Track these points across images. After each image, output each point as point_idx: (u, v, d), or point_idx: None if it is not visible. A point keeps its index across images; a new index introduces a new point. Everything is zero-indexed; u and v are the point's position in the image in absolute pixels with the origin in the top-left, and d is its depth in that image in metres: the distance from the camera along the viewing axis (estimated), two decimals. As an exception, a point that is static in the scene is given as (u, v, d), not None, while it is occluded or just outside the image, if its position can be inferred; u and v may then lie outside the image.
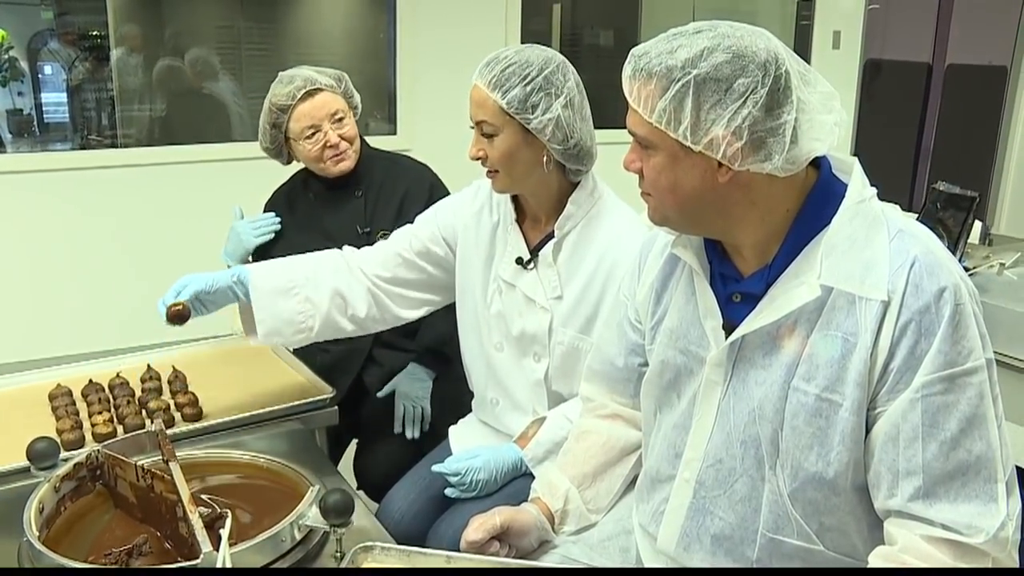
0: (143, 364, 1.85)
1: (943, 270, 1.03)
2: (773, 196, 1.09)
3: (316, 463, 1.49)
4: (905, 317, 1.02)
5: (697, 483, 1.19)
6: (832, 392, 1.06)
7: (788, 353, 1.09)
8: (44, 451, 1.33)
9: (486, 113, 1.50)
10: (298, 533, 1.22)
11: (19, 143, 4.22)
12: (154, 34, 4.12)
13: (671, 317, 1.24)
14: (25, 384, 1.82)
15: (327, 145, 2.01)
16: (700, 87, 1.02)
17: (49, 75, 4.37)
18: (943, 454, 1.01)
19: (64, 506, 1.31)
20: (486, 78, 1.49)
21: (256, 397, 1.72)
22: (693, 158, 1.05)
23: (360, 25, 4.55)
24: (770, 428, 1.11)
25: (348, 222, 2.08)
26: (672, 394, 1.24)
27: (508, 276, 1.63)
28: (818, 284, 1.05)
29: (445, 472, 1.59)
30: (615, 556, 1.34)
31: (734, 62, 1.02)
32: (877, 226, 1.07)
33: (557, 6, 4.87)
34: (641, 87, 1.06)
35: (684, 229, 1.16)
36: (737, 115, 1.01)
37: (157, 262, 3.53)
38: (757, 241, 1.12)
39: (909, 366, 1.02)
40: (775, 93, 1.02)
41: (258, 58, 4.32)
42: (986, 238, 3.11)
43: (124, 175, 3.69)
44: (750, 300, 1.13)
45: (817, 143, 1.06)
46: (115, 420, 1.61)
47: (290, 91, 1.98)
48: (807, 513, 1.11)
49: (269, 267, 1.68)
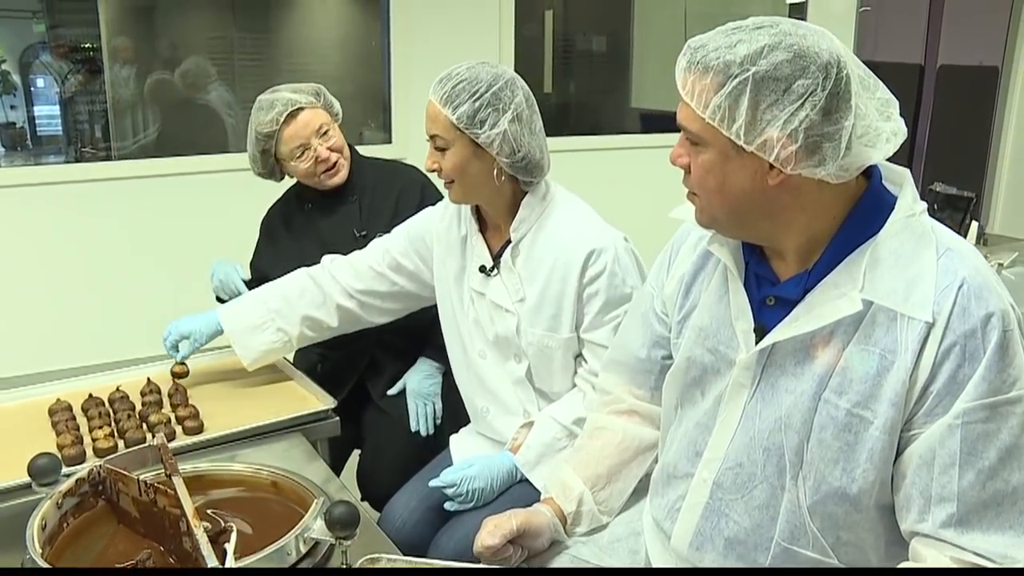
0: (143, 377, 1.84)
1: (992, 294, 1.00)
2: (822, 202, 1.06)
3: (319, 474, 1.49)
4: (950, 340, 0.99)
5: (715, 484, 1.17)
6: (864, 408, 1.04)
7: (821, 364, 1.07)
8: (45, 467, 1.31)
9: (438, 128, 1.57)
10: (303, 546, 1.21)
11: (12, 156, 4.21)
12: (147, 46, 4.11)
13: (701, 315, 1.22)
14: (24, 399, 1.81)
15: (318, 160, 2.02)
16: (758, 85, 0.98)
17: (42, 88, 4.36)
18: (980, 483, 0.99)
19: (67, 522, 1.29)
20: (438, 94, 1.55)
21: (257, 409, 1.72)
22: (744, 158, 1.02)
23: (353, 33, 4.55)
24: (796, 438, 1.09)
25: (344, 227, 2.08)
26: (696, 391, 1.22)
27: (476, 285, 1.69)
28: (859, 297, 1.03)
29: (441, 486, 1.61)
30: (624, 557, 1.34)
31: (795, 62, 0.99)
32: (925, 242, 1.04)
33: (549, 13, 4.88)
34: (696, 80, 1.02)
35: (730, 232, 1.14)
36: (794, 117, 0.98)
37: (153, 275, 3.52)
38: (800, 246, 1.09)
39: (950, 391, 0.99)
40: (834, 97, 0.99)
41: (251, 68, 4.31)
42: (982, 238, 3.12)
43: (118, 187, 3.67)
44: (785, 305, 1.10)
45: (872, 151, 1.03)
46: (116, 434, 1.60)
47: (272, 117, 1.98)
48: (825, 526, 1.09)
49: (239, 307, 1.88)
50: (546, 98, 5.08)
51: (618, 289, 1.58)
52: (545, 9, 4.86)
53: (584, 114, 5.22)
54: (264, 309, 1.84)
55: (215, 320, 1.84)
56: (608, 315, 1.58)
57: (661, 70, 4.81)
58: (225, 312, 1.86)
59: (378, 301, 1.86)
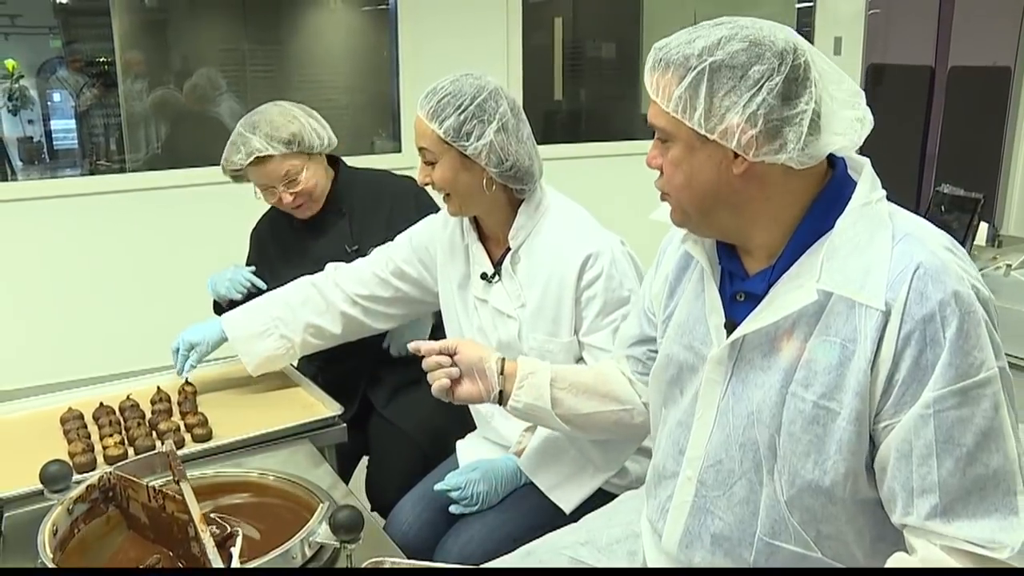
0: (153, 386, 1.87)
1: (950, 276, 0.98)
2: (788, 193, 1.07)
3: (326, 480, 1.50)
4: (908, 327, 0.98)
5: (699, 482, 1.18)
6: (830, 400, 1.04)
7: (786, 357, 1.08)
8: (57, 474, 1.34)
9: (426, 142, 1.59)
10: (308, 550, 1.23)
11: (29, 170, 4.27)
12: (159, 59, 4.16)
13: (680, 311, 1.24)
14: (37, 408, 1.84)
15: (282, 202, 2.03)
16: (715, 74, 1.01)
17: (58, 102, 4.43)
18: (959, 470, 0.98)
19: (77, 528, 1.31)
20: (425, 109, 1.58)
21: (265, 416, 1.73)
22: (708, 148, 1.04)
23: (363, 44, 4.59)
24: (767, 433, 1.09)
25: (335, 244, 2.08)
26: (675, 390, 1.24)
27: (479, 292, 1.71)
28: (815, 288, 1.03)
29: (446, 489, 1.63)
30: (622, 559, 1.34)
31: (750, 50, 1.02)
32: (881, 229, 1.04)
33: (559, 19, 4.89)
34: (659, 77, 1.06)
35: (702, 230, 1.15)
36: (752, 102, 1.01)
37: (167, 286, 3.55)
38: (767, 241, 1.10)
39: (915, 378, 0.98)
40: (792, 82, 1.01)
41: (263, 80, 4.36)
42: (995, 240, 3.10)
43: (133, 199, 3.72)
44: (753, 300, 1.12)
45: (837, 137, 1.04)
46: (126, 442, 1.62)
47: (238, 159, 1.99)
48: (804, 520, 1.09)
49: (243, 314, 1.89)
50: (556, 105, 5.09)
51: (615, 292, 1.59)
52: (554, 16, 4.88)
53: (594, 121, 5.23)
54: (267, 316, 1.86)
55: (219, 328, 1.87)
56: (607, 318, 1.59)
57: (670, 76, 4.81)
58: (228, 320, 1.88)
59: (382, 307, 1.87)
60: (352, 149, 3.75)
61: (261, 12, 4.34)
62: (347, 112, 4.41)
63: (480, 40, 4.07)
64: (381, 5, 4.31)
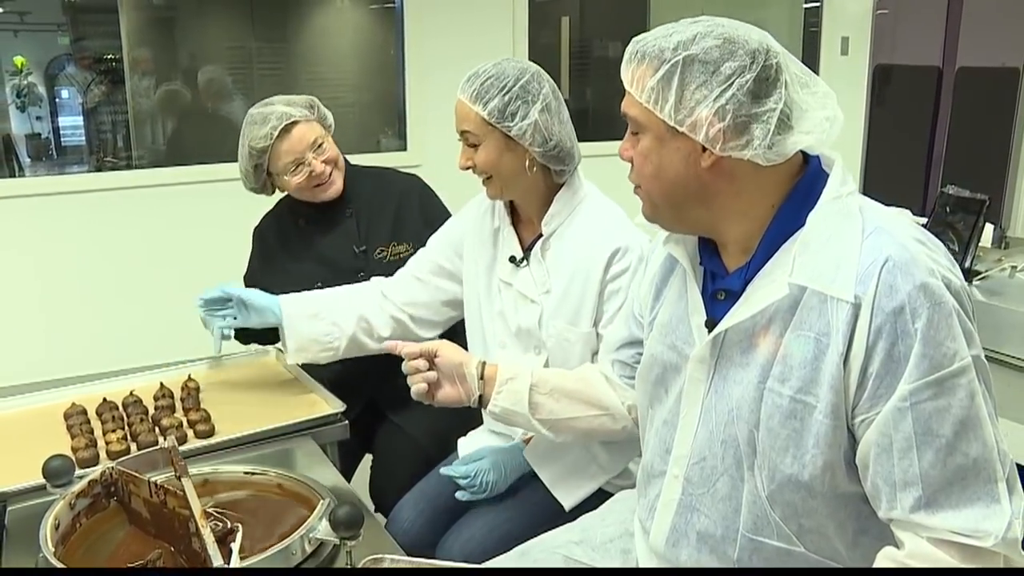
0: (156, 382, 1.87)
1: (919, 268, 0.99)
2: (758, 189, 1.09)
3: (327, 477, 1.51)
4: (879, 320, 0.99)
5: (685, 479, 1.19)
6: (806, 394, 1.05)
7: (763, 353, 1.09)
8: (59, 469, 1.35)
9: (469, 124, 1.59)
10: (308, 546, 1.23)
11: (37, 166, 4.29)
12: (167, 56, 4.18)
13: (664, 312, 1.26)
14: (41, 404, 1.85)
15: (312, 175, 2.01)
16: (688, 67, 1.04)
17: (66, 99, 4.44)
18: (940, 461, 0.99)
19: (79, 522, 1.32)
20: (467, 92, 1.58)
21: (267, 413, 1.74)
22: (677, 140, 1.07)
23: (369, 43, 4.59)
24: (747, 428, 1.10)
25: (343, 243, 2.08)
26: (660, 390, 1.25)
27: (505, 275, 1.71)
28: (787, 282, 1.05)
29: (453, 475, 1.63)
30: (616, 558, 1.35)
31: (724, 46, 1.04)
32: (851, 223, 1.04)
33: (566, 19, 4.89)
34: (635, 69, 1.09)
35: (672, 224, 1.17)
36: (722, 96, 1.03)
37: (173, 282, 3.56)
38: (741, 237, 1.12)
39: (889, 370, 0.99)
40: (762, 81, 1.04)
41: (270, 78, 4.37)
42: (1001, 241, 3.08)
43: (139, 196, 3.73)
44: (732, 297, 1.13)
45: (805, 136, 1.06)
46: (129, 437, 1.63)
47: (267, 132, 1.97)
48: (786, 515, 1.10)
49: (300, 296, 1.84)
50: (562, 104, 5.08)
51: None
52: (561, 16, 4.88)
53: (601, 120, 5.22)
54: (321, 303, 1.83)
55: (275, 301, 1.81)
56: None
57: (677, 75, 4.81)
58: (285, 298, 1.83)
59: (425, 312, 1.86)
60: (358, 147, 3.75)
61: (268, 10, 4.35)
62: (353, 110, 4.41)
63: (486, 39, 4.07)
64: (388, 4, 4.32)
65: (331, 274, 2.02)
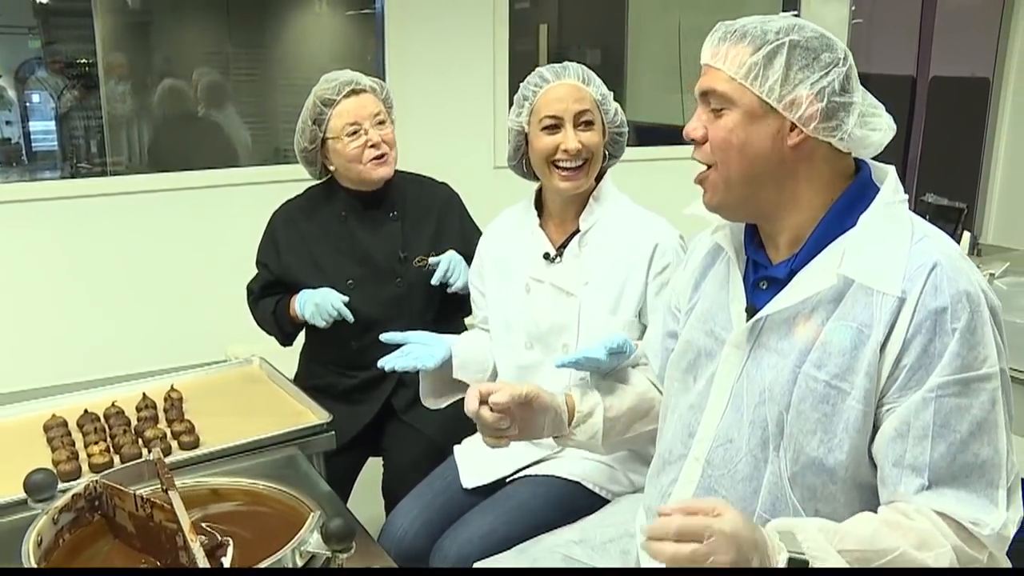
0: (138, 393, 1.84)
1: (964, 277, 1.06)
2: (824, 180, 1.14)
3: (316, 488, 1.49)
4: (921, 315, 1.04)
5: (706, 462, 1.21)
6: (842, 380, 1.08)
7: (802, 339, 1.12)
8: (41, 483, 1.31)
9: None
10: (300, 559, 1.21)
11: (8, 172, 4.21)
12: (142, 61, 4.13)
13: (703, 301, 1.29)
14: (19, 415, 1.82)
15: (368, 145, 1.99)
16: (792, 50, 1.11)
17: (37, 103, 4.37)
18: (950, 455, 1.04)
19: (63, 538, 1.29)
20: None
21: (253, 423, 1.72)
22: (768, 119, 1.11)
23: (348, 48, 4.57)
24: (777, 410, 1.13)
25: (386, 246, 2.06)
26: (689, 377, 1.27)
27: (537, 273, 1.75)
28: (836, 272, 1.09)
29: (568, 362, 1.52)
30: (615, 558, 1.37)
31: (822, 39, 1.13)
32: (901, 227, 1.11)
33: (544, 26, 4.90)
34: (731, 47, 1.13)
35: (738, 206, 1.19)
36: (822, 80, 1.10)
37: (148, 291, 3.52)
38: (793, 226, 1.16)
39: (922, 364, 1.04)
40: (850, 76, 1.12)
41: (247, 84, 4.33)
42: (975, 248, 3.14)
43: (114, 203, 3.67)
44: (775, 286, 1.17)
45: (874, 133, 1.14)
46: (111, 450, 1.60)
47: (335, 86, 1.99)
48: (804, 498, 1.13)
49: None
50: (541, 111, 5.09)
51: None
52: (539, 23, 4.89)
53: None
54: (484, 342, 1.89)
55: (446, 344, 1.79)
56: None
57: (655, 83, 4.84)
58: (455, 339, 1.84)
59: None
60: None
61: (245, 15, 4.31)
62: (332, 116, 4.38)
63: (466, 45, 4.06)
64: (366, 10, 4.30)
65: (368, 274, 2.02)
